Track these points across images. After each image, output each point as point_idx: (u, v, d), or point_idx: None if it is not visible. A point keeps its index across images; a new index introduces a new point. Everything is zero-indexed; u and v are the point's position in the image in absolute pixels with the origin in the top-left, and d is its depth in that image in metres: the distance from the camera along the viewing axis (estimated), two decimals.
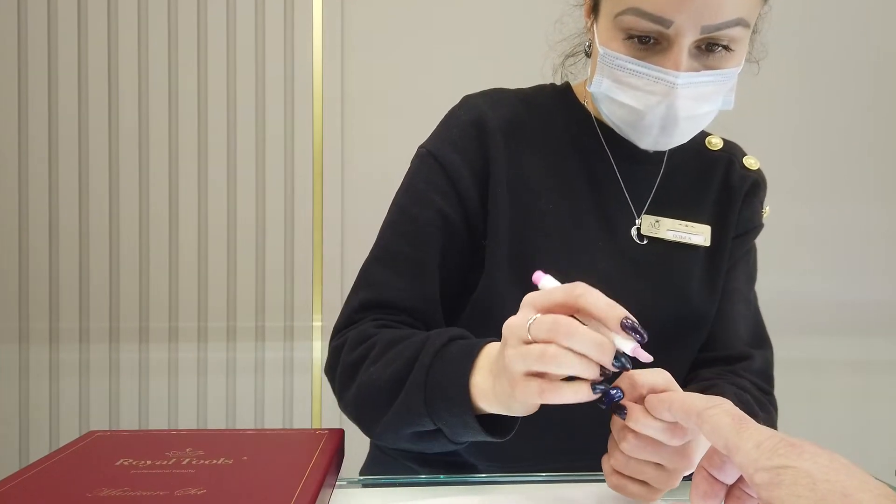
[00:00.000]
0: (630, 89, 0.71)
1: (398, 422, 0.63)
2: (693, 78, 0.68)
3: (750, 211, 0.85)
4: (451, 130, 0.81)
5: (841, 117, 1.99)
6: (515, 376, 0.51)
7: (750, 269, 0.88)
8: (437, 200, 0.78)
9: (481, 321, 0.78)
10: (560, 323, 0.48)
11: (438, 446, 0.64)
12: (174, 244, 1.86)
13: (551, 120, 0.83)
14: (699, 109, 0.71)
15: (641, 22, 0.67)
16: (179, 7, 1.83)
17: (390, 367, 0.64)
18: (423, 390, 0.60)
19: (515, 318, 0.52)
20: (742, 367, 0.81)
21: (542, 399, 0.49)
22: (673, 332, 0.79)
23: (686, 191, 0.83)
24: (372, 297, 0.76)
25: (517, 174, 0.79)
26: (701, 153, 0.86)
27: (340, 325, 0.77)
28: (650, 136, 0.75)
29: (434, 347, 0.62)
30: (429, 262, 0.77)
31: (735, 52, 0.69)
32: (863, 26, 1.98)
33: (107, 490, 0.51)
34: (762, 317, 0.88)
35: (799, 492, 0.35)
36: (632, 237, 0.80)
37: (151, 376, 1.85)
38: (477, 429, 0.58)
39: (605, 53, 0.71)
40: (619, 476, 0.54)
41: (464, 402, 0.57)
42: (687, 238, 0.81)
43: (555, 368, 0.48)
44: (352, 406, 0.70)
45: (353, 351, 0.70)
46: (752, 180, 0.86)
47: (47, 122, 1.82)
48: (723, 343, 0.82)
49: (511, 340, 0.51)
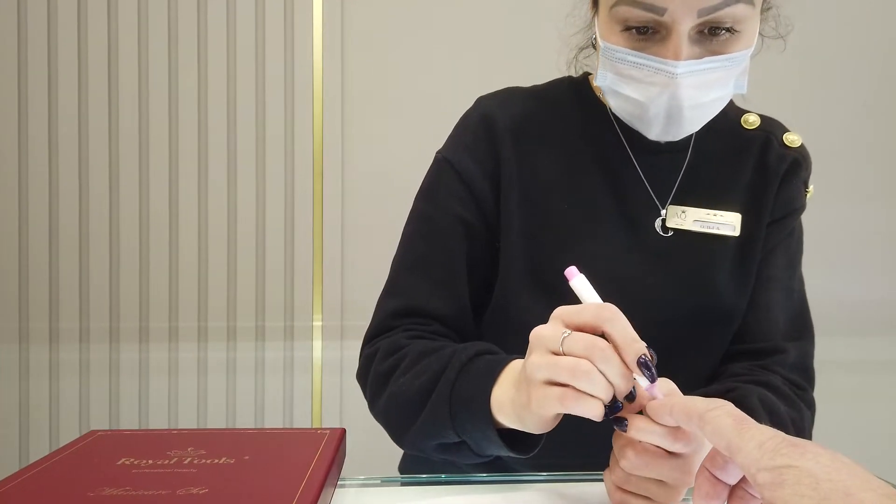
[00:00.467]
0: (632, 81, 0.70)
1: (425, 433, 0.64)
2: (694, 66, 0.66)
3: (789, 192, 0.80)
4: (464, 134, 0.81)
5: (840, 117, 1.99)
6: (534, 383, 0.51)
7: (791, 255, 0.82)
8: (458, 208, 0.78)
9: (499, 322, 0.79)
10: (598, 346, 0.48)
11: (465, 458, 0.64)
12: (174, 244, 1.85)
13: (566, 114, 0.82)
14: (705, 97, 0.69)
15: (635, 11, 0.66)
16: (179, 7, 1.83)
17: (419, 380, 0.65)
18: (448, 403, 0.61)
19: (545, 329, 0.52)
20: (774, 362, 0.77)
21: (562, 405, 0.49)
22: (701, 327, 0.77)
23: (715, 177, 0.80)
24: (403, 305, 0.76)
25: (529, 173, 0.78)
26: (735, 134, 0.82)
27: (372, 334, 0.78)
28: (657, 126, 0.73)
29: (460, 362, 0.63)
30: (456, 268, 0.77)
31: (741, 33, 0.67)
32: (862, 24, 1.97)
33: (109, 489, 0.51)
34: (807, 304, 0.82)
35: (802, 491, 0.35)
36: (655, 230, 0.78)
37: (152, 376, 1.85)
38: (498, 443, 0.58)
39: (605, 47, 0.71)
40: (621, 492, 0.54)
41: (485, 416, 0.58)
42: (715, 228, 0.77)
43: (584, 384, 0.48)
44: (382, 415, 0.71)
45: (384, 361, 0.71)
46: (791, 159, 0.80)
47: (47, 122, 1.82)
48: (755, 335, 0.79)
49: (538, 349, 0.51)
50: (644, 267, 0.77)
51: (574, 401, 0.49)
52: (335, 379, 1.87)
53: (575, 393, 0.49)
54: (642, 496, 0.53)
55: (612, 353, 0.48)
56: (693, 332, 0.76)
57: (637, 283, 0.76)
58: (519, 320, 0.54)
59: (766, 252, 0.80)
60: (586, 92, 0.83)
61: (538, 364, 0.51)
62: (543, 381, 0.50)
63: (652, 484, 0.52)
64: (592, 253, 0.76)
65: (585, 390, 0.48)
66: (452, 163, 0.79)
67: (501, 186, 0.78)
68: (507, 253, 0.77)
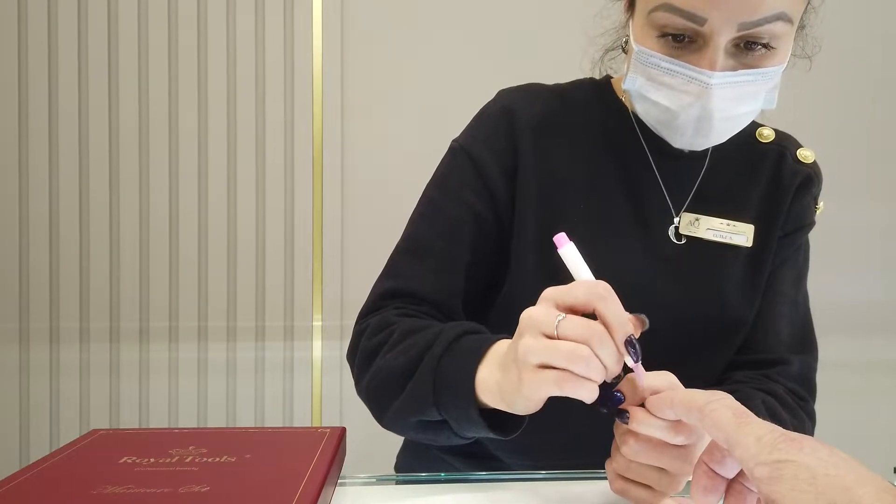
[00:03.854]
0: (664, 88, 0.69)
1: (407, 409, 0.63)
2: (729, 78, 0.66)
3: (800, 208, 0.81)
4: (483, 126, 0.81)
5: (842, 116, 1.99)
6: (527, 367, 0.50)
7: (799, 269, 0.83)
8: (469, 197, 0.77)
9: (508, 319, 0.78)
10: (595, 330, 0.48)
11: (444, 439, 0.64)
12: (174, 244, 1.86)
13: (588, 115, 0.81)
14: (736, 110, 0.69)
15: (674, 19, 0.65)
16: (179, 7, 1.83)
17: (405, 356, 0.65)
18: (433, 380, 0.60)
19: (537, 311, 0.51)
20: (777, 372, 0.77)
21: (561, 389, 0.49)
22: (708, 335, 0.77)
23: (730, 187, 0.80)
24: (397, 287, 0.76)
25: (548, 171, 0.78)
26: (750, 146, 0.82)
27: (364, 312, 0.77)
28: (684, 136, 0.73)
29: (447, 339, 0.62)
30: (458, 257, 0.77)
31: (777, 49, 0.66)
32: (864, 24, 1.98)
33: (111, 487, 0.51)
34: (811, 320, 0.84)
35: (799, 486, 0.36)
36: (668, 236, 0.78)
37: (152, 376, 1.85)
38: (480, 423, 0.58)
39: (639, 51, 0.70)
40: (622, 480, 0.54)
41: (468, 396, 0.57)
42: (728, 238, 0.78)
43: (581, 368, 0.48)
44: (366, 391, 0.70)
45: (373, 337, 0.71)
46: (804, 174, 0.81)
47: (47, 121, 1.82)
48: (760, 346, 0.79)
49: (530, 332, 0.51)
50: (655, 272, 0.77)
51: (572, 384, 0.48)
52: (335, 379, 1.87)
53: (572, 377, 0.48)
54: (643, 484, 0.53)
55: (608, 337, 0.48)
56: (699, 340, 0.76)
57: (647, 288, 0.76)
58: None
59: (775, 266, 0.80)
60: (609, 94, 0.83)
61: (532, 347, 0.50)
62: (537, 365, 0.50)
63: (653, 472, 0.52)
64: (605, 254, 0.75)
65: (582, 374, 0.48)
66: (469, 152, 0.79)
67: (518, 182, 0.78)
68: (519, 250, 0.77)
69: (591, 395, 0.49)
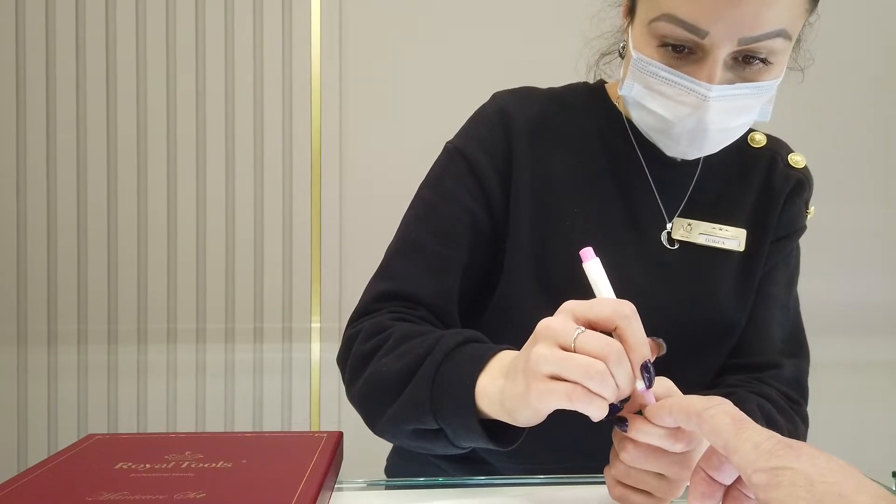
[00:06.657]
0: (661, 97, 0.69)
1: (402, 416, 0.62)
2: (727, 91, 0.66)
3: (792, 212, 0.82)
4: (478, 128, 0.81)
5: (840, 117, 1.99)
6: (537, 376, 0.49)
7: (790, 273, 0.84)
8: (465, 198, 0.77)
9: (500, 323, 0.78)
10: (614, 348, 0.48)
11: (439, 448, 0.63)
12: (172, 246, 1.85)
13: (581, 120, 0.81)
14: (732, 122, 0.69)
15: (676, 30, 0.65)
16: (178, 7, 1.83)
17: (401, 361, 0.63)
18: (431, 386, 0.59)
19: (555, 321, 0.50)
20: (770, 376, 0.78)
21: (571, 402, 0.48)
22: (701, 340, 0.77)
23: (723, 192, 0.81)
24: (392, 289, 0.75)
25: (542, 175, 0.78)
26: (742, 151, 0.82)
27: (357, 315, 0.76)
28: (679, 145, 0.73)
29: (448, 346, 0.61)
30: (453, 259, 0.76)
31: (774, 64, 0.67)
32: (862, 25, 1.98)
33: (106, 494, 0.51)
34: (802, 324, 0.84)
35: (796, 493, 0.36)
36: (661, 241, 0.78)
37: (150, 378, 1.85)
38: (479, 432, 0.57)
39: (637, 58, 0.70)
40: (621, 487, 0.54)
41: (469, 404, 0.56)
42: (720, 243, 0.78)
43: (595, 384, 0.47)
44: (358, 396, 0.69)
45: (366, 342, 0.69)
46: (795, 179, 0.82)
47: (45, 123, 1.82)
48: (752, 349, 0.80)
49: (545, 341, 0.50)
50: (648, 277, 0.77)
51: (583, 399, 0.48)
52: (333, 380, 1.87)
53: (585, 391, 0.47)
54: (642, 490, 0.53)
55: (625, 358, 0.48)
56: (692, 344, 0.76)
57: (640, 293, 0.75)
58: (521, 321, 0.52)
59: (766, 270, 0.81)
60: (603, 99, 0.83)
61: (545, 357, 0.49)
62: (548, 375, 0.49)
63: (652, 478, 0.52)
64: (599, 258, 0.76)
65: (595, 390, 0.47)
66: (464, 153, 0.78)
67: (512, 185, 0.77)
68: (513, 253, 0.77)
69: (599, 413, 0.48)
